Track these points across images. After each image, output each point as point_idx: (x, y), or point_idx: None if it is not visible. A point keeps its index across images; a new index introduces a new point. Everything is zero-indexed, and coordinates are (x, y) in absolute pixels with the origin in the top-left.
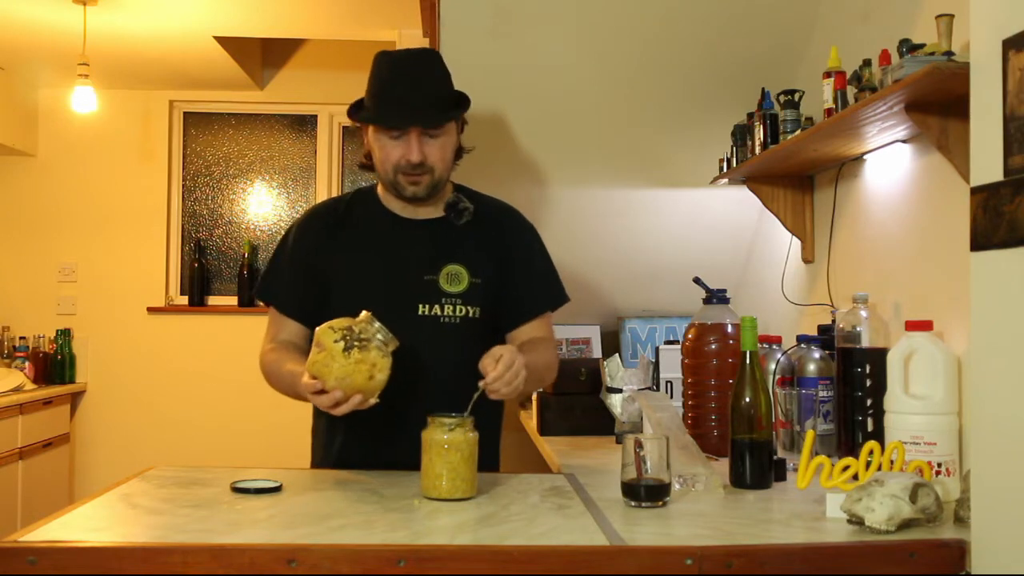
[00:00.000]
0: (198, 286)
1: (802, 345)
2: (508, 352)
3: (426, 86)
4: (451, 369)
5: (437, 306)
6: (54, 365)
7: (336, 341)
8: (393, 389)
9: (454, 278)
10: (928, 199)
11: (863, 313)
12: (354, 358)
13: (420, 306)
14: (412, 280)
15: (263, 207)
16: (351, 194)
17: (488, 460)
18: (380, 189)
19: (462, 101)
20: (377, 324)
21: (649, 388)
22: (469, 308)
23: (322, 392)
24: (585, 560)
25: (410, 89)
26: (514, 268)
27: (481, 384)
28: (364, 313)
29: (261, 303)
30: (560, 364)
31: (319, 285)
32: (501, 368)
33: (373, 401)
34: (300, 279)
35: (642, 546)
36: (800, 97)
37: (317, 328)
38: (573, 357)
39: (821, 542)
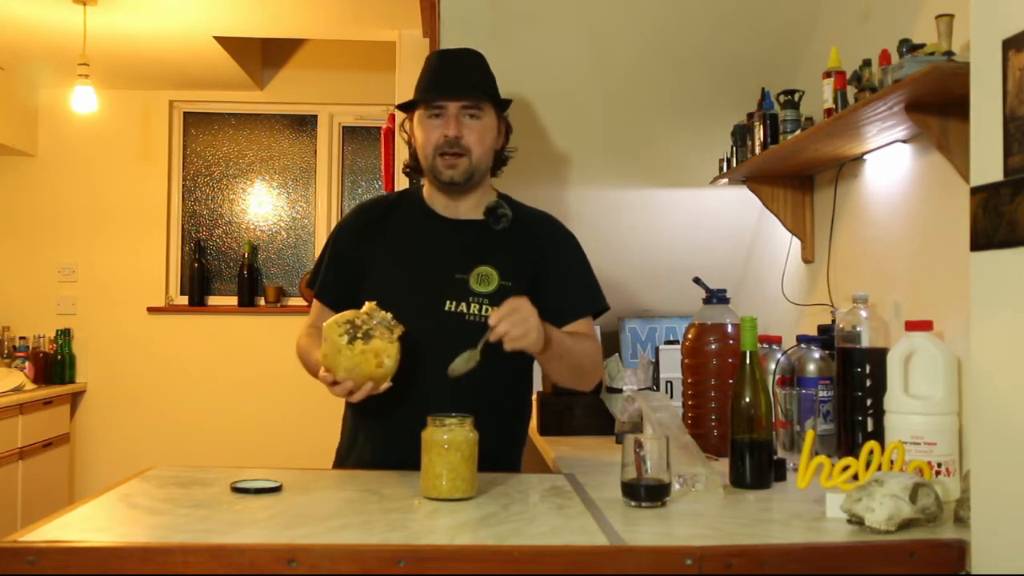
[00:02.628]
0: (198, 286)
1: (802, 345)
2: (514, 299)
3: (469, 72)
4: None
5: (464, 303)
6: (54, 365)
7: (340, 335)
8: (417, 383)
9: (484, 279)
10: (928, 199)
11: (863, 313)
12: (359, 348)
13: (447, 302)
14: (442, 277)
15: (263, 207)
16: (400, 192)
17: (511, 461)
18: (426, 189)
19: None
20: (380, 313)
21: (649, 388)
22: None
23: (336, 383)
24: (585, 560)
25: (454, 72)
26: (549, 277)
27: (490, 322)
28: (367, 304)
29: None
30: None
31: (355, 277)
32: (505, 309)
33: (386, 386)
34: (338, 270)
35: (642, 546)
36: (800, 97)
37: (323, 323)
38: None
39: (821, 542)
